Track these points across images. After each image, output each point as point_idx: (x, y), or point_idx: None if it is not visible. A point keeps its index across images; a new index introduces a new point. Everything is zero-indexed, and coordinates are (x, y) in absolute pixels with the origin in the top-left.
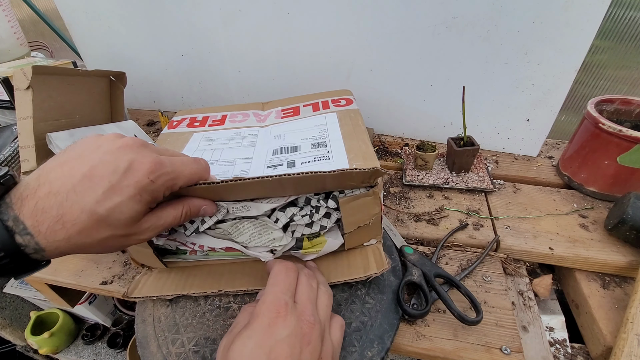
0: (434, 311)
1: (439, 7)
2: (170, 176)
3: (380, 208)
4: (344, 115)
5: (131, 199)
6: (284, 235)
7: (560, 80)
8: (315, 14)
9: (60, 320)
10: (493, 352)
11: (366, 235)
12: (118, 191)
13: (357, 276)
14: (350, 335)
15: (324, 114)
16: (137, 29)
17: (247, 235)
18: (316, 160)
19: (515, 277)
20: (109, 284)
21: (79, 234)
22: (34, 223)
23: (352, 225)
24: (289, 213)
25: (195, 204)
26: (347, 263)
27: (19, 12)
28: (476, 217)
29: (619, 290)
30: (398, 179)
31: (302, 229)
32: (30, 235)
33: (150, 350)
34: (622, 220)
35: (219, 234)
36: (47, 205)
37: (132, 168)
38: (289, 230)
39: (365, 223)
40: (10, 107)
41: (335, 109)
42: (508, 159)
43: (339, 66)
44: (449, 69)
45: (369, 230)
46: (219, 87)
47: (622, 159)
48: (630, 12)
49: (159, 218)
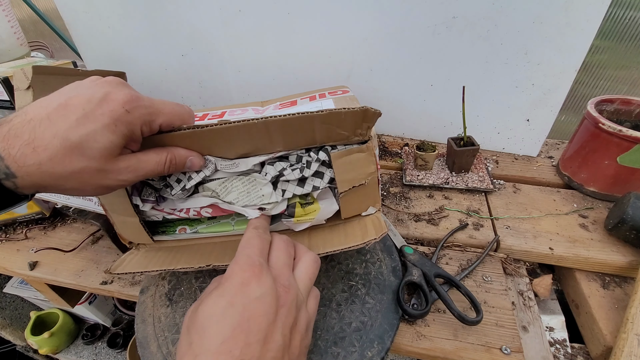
0: (434, 311)
1: (439, 7)
2: (148, 110)
3: (376, 167)
4: (340, 99)
5: (105, 128)
6: (274, 192)
7: (560, 80)
8: (315, 14)
9: (60, 320)
10: (493, 352)
11: (363, 201)
12: (92, 119)
13: (355, 244)
14: (350, 335)
15: (320, 101)
16: (137, 29)
17: (236, 194)
18: None
19: (515, 277)
20: (109, 284)
21: (50, 161)
22: (5, 146)
23: (347, 184)
24: (279, 167)
25: (181, 153)
26: (344, 233)
27: (19, 12)
28: (476, 217)
29: (619, 290)
30: (398, 179)
31: (293, 187)
32: (0, 158)
33: (150, 350)
34: (622, 220)
35: (206, 195)
36: (19, 131)
37: (107, 98)
38: (279, 189)
39: (361, 183)
40: (10, 107)
41: (332, 97)
42: (508, 159)
43: (339, 66)
44: (449, 69)
45: (365, 194)
46: (219, 87)
47: (622, 159)
48: (630, 12)
49: (139, 161)
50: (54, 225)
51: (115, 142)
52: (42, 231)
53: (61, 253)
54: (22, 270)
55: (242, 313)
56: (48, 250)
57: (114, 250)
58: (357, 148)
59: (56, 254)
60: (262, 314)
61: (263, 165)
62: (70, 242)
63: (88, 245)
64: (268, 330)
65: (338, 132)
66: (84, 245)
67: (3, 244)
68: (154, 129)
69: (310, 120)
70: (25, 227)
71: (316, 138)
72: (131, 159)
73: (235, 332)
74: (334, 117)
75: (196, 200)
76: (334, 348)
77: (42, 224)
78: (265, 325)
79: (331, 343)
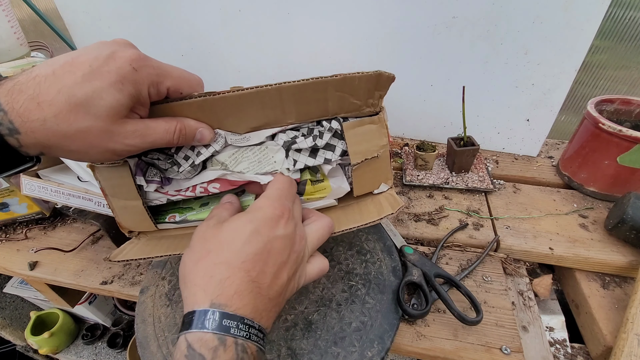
0: (434, 311)
1: (439, 7)
2: (156, 71)
3: (387, 139)
4: None
5: (112, 86)
6: (286, 160)
7: (560, 80)
8: (315, 14)
9: (60, 320)
10: (493, 352)
11: (375, 177)
12: (98, 75)
13: (371, 220)
14: (350, 335)
15: None
16: (137, 29)
17: (246, 164)
18: None
19: (515, 277)
20: (109, 284)
21: (55, 117)
22: (9, 100)
23: (359, 156)
24: (291, 134)
25: (191, 124)
26: (358, 211)
27: (19, 12)
28: (476, 217)
29: (619, 290)
30: (398, 179)
31: (305, 158)
32: (4, 112)
33: (150, 350)
34: (622, 220)
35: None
36: (24, 87)
37: (114, 56)
38: (291, 157)
39: (373, 156)
40: None
41: None
42: (508, 159)
43: (339, 66)
44: (449, 69)
45: (377, 169)
46: (219, 87)
47: (622, 159)
48: (630, 12)
49: (147, 126)
50: (54, 225)
51: (122, 101)
52: (42, 231)
53: (61, 253)
54: (22, 270)
55: (266, 244)
56: (48, 250)
57: (114, 249)
58: (369, 119)
59: (56, 254)
60: (280, 251)
61: (274, 137)
62: (70, 242)
63: (88, 245)
64: (280, 267)
65: (351, 101)
66: (84, 245)
67: (3, 244)
68: (161, 91)
69: (324, 87)
70: (25, 227)
71: (329, 108)
72: (139, 123)
73: (256, 257)
74: (348, 82)
75: (203, 174)
76: (334, 348)
77: (42, 224)
78: (279, 262)
79: (331, 343)
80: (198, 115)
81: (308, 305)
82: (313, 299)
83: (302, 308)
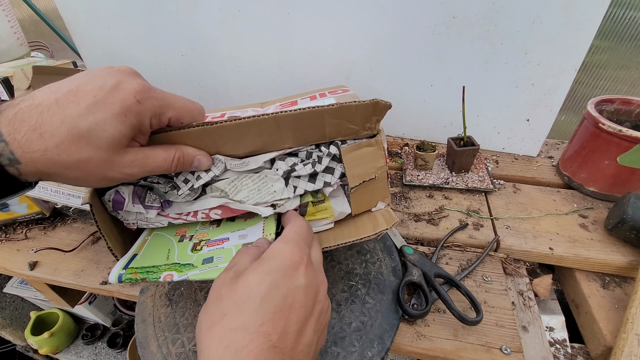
0: (434, 311)
1: (439, 7)
2: (159, 102)
3: (385, 161)
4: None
5: (115, 117)
6: (286, 188)
7: (560, 80)
8: (315, 14)
9: (60, 320)
10: (493, 352)
11: (373, 196)
12: (102, 106)
13: (366, 235)
14: (350, 335)
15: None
16: (137, 29)
17: (246, 192)
18: None
19: (515, 277)
20: (109, 284)
21: (56, 148)
22: (10, 130)
23: (357, 178)
24: (290, 162)
25: (189, 152)
26: (354, 226)
27: (19, 12)
28: (476, 217)
29: (619, 290)
30: (398, 179)
31: (304, 184)
32: (5, 143)
33: (150, 350)
34: (622, 220)
35: (215, 196)
36: (26, 116)
37: (119, 87)
38: (291, 185)
39: (371, 177)
40: None
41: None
42: (508, 159)
43: (339, 66)
44: (449, 69)
45: (375, 189)
46: (219, 87)
47: (622, 159)
48: (630, 12)
49: (146, 156)
50: (54, 225)
51: (124, 132)
52: (42, 231)
53: (61, 253)
54: (22, 270)
55: (286, 298)
56: (48, 250)
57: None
58: (366, 142)
59: (56, 254)
60: (303, 305)
61: (273, 162)
62: (70, 242)
63: (88, 245)
64: (304, 323)
65: (348, 126)
66: (84, 245)
67: (3, 244)
68: (163, 122)
69: (320, 115)
70: (25, 227)
71: (326, 133)
72: (138, 152)
73: (276, 316)
74: (345, 111)
75: (204, 201)
76: (334, 348)
77: (42, 224)
78: (303, 317)
79: (331, 343)
80: (197, 142)
81: None
82: None
83: None
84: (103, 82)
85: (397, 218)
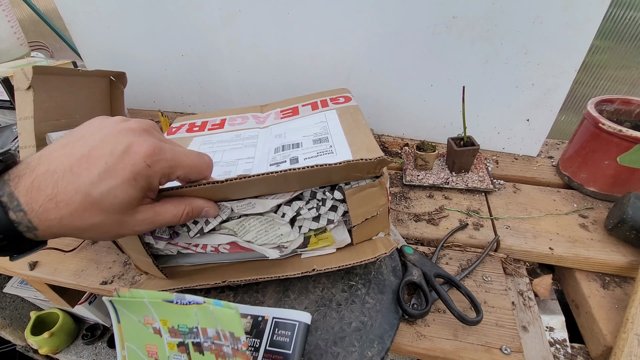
0: (434, 311)
1: (439, 7)
2: (169, 163)
3: (387, 199)
4: (343, 111)
5: (125, 183)
6: (292, 231)
7: (560, 80)
8: (315, 14)
9: (60, 320)
10: (493, 352)
11: (374, 228)
12: (113, 173)
13: (366, 258)
14: (350, 335)
15: (323, 112)
16: (137, 29)
17: (254, 233)
18: (319, 155)
19: (515, 277)
20: (109, 284)
21: (71, 216)
22: (28, 200)
23: (360, 217)
24: (296, 207)
25: (198, 204)
26: (355, 251)
27: (19, 12)
28: (476, 217)
29: (619, 290)
30: (398, 179)
31: (309, 223)
32: (24, 212)
33: None
34: (622, 220)
35: (224, 233)
36: (42, 184)
37: (130, 151)
38: (296, 226)
39: (373, 215)
40: (10, 107)
41: (335, 107)
42: (508, 159)
43: (339, 66)
44: (449, 69)
45: (376, 223)
46: (219, 87)
47: (622, 159)
48: (630, 12)
49: (157, 213)
50: None
51: (134, 195)
52: None
53: (61, 253)
54: (22, 270)
55: None
56: (48, 250)
57: (114, 250)
58: (370, 183)
59: (56, 254)
60: None
61: (279, 205)
62: (70, 242)
63: (88, 245)
64: None
65: (353, 174)
66: (84, 245)
67: None
68: (171, 179)
69: (327, 171)
70: None
71: (332, 180)
72: (149, 211)
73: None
74: (351, 167)
75: (214, 237)
76: (334, 348)
77: None
78: None
79: (331, 343)
80: (205, 194)
81: (308, 305)
82: (313, 298)
83: (302, 308)
84: (114, 146)
85: (395, 243)
